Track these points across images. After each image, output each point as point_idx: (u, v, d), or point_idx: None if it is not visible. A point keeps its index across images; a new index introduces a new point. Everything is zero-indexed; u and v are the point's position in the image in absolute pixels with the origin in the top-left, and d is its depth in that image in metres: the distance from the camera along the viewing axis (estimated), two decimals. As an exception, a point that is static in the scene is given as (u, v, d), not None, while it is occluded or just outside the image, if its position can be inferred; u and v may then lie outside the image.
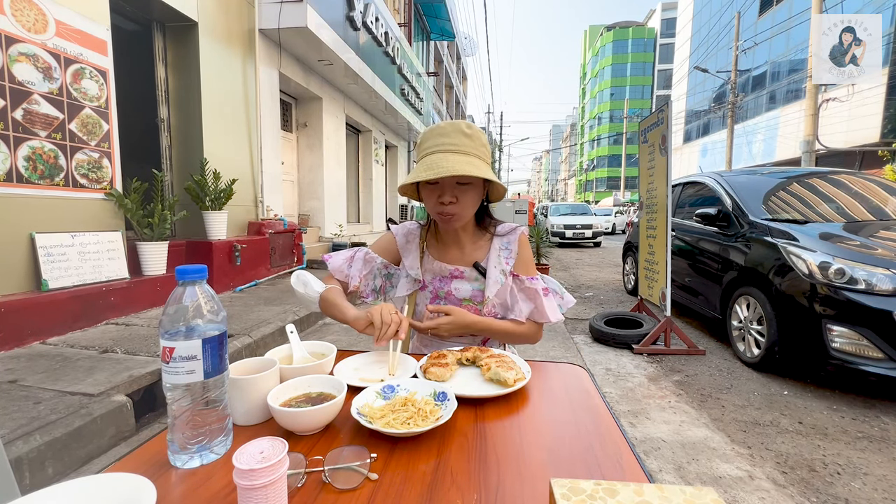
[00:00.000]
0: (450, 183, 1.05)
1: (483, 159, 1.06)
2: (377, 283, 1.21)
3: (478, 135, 1.07)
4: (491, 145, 23.27)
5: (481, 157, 1.05)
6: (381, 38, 7.64)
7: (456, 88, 22.97)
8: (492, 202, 1.20)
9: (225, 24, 4.56)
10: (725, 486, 1.73)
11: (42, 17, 2.83)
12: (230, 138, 4.70)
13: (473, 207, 1.10)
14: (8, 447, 1.50)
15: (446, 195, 1.04)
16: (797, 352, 2.65)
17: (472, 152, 1.03)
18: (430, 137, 1.07)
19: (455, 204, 1.05)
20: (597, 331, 3.61)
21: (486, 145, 1.08)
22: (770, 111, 18.96)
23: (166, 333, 0.56)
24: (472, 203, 1.08)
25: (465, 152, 1.03)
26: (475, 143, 1.05)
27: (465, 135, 1.04)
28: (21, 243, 2.74)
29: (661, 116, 3.60)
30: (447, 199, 1.04)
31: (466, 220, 1.12)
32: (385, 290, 1.22)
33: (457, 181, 1.04)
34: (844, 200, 3.42)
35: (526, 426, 0.69)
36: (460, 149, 1.03)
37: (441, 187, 1.05)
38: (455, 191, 1.05)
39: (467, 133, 1.05)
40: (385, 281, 1.22)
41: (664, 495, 0.38)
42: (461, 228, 1.16)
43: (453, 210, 1.06)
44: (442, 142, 1.04)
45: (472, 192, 1.07)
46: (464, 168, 0.98)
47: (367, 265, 1.19)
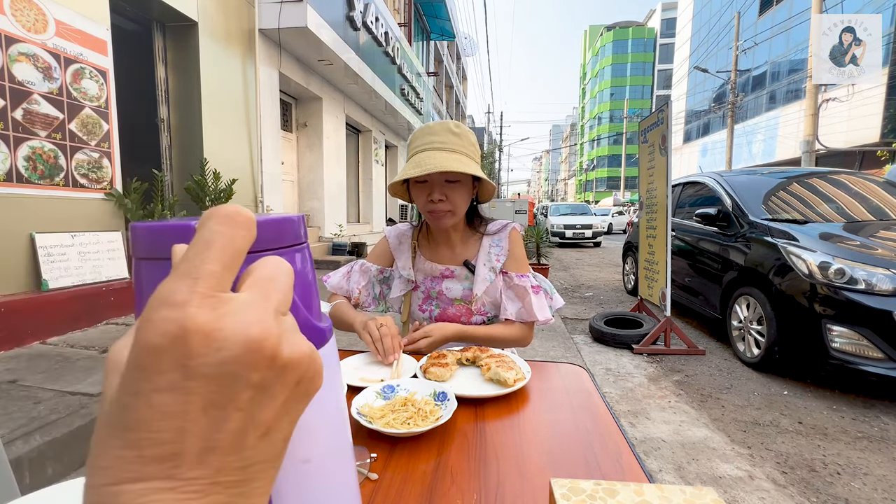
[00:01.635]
0: (438, 181, 1.05)
1: (472, 157, 1.06)
2: (376, 291, 1.22)
3: (466, 134, 1.07)
4: (491, 145, 23.19)
5: (469, 156, 1.06)
6: (381, 38, 7.64)
7: (456, 88, 22.97)
8: (482, 202, 1.21)
9: (225, 24, 4.55)
10: (725, 486, 1.73)
11: (42, 16, 2.83)
12: (230, 138, 4.70)
13: (463, 206, 1.10)
14: (8, 447, 1.50)
15: (435, 193, 1.05)
16: (797, 352, 2.65)
17: (460, 150, 1.04)
18: (419, 136, 1.08)
19: (444, 202, 1.06)
20: (597, 331, 3.61)
21: (475, 144, 1.09)
22: (770, 111, 18.97)
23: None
24: (462, 201, 1.09)
25: (453, 150, 1.03)
26: (463, 142, 1.05)
27: (453, 133, 1.05)
28: (21, 243, 2.74)
29: (661, 116, 3.60)
30: (436, 197, 1.05)
31: (457, 219, 1.12)
32: (384, 294, 1.23)
33: (445, 179, 1.05)
34: (844, 200, 3.42)
35: (526, 426, 0.69)
36: (448, 147, 1.03)
37: (430, 185, 1.06)
38: (444, 188, 1.05)
39: (455, 132, 1.05)
40: (383, 286, 1.23)
41: (664, 495, 0.38)
42: (452, 228, 1.16)
43: (443, 208, 1.06)
44: (430, 140, 1.04)
45: (462, 190, 1.07)
46: (451, 165, 0.99)
47: (364, 275, 1.20)
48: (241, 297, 0.17)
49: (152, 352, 0.15)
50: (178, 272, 0.16)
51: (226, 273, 0.17)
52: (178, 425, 0.15)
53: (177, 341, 0.15)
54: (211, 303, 0.16)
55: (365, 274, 1.21)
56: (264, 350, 0.16)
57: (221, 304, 0.16)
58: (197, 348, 0.15)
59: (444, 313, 1.16)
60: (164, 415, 0.15)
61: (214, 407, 0.15)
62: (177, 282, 0.16)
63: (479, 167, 1.09)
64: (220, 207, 0.18)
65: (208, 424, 0.15)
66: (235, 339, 0.16)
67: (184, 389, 0.15)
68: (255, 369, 0.16)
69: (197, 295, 0.16)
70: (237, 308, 0.16)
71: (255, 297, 0.17)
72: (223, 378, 0.15)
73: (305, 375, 0.18)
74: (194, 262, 0.16)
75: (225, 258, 0.17)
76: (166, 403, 0.15)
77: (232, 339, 0.16)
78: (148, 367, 0.15)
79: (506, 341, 1.10)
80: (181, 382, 0.15)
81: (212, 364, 0.15)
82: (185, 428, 0.15)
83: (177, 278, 0.16)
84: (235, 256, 0.17)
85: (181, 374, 0.15)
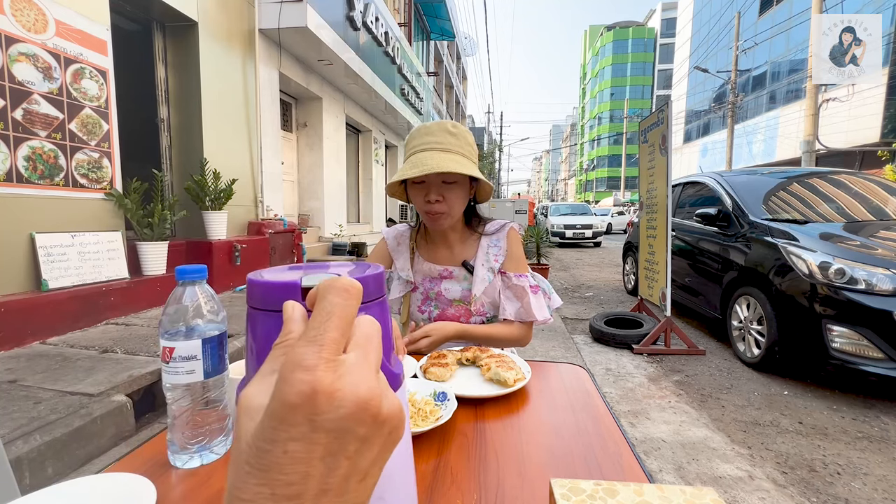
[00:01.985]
0: (435, 181, 1.05)
1: (469, 158, 1.06)
2: None
3: (463, 134, 1.06)
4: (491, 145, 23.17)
5: (466, 156, 1.05)
6: (381, 38, 7.64)
7: (456, 88, 22.97)
8: (480, 202, 1.20)
9: (225, 23, 4.55)
10: (725, 486, 1.73)
11: (42, 16, 2.83)
12: (230, 138, 4.70)
13: (460, 206, 1.10)
14: (8, 447, 1.50)
15: (432, 194, 1.04)
16: (797, 352, 2.65)
17: (456, 150, 1.04)
18: (416, 136, 1.07)
19: (441, 202, 1.05)
20: (597, 331, 3.61)
21: (472, 144, 1.08)
22: (770, 111, 18.97)
23: (166, 333, 0.56)
24: (459, 202, 1.08)
25: (450, 150, 1.03)
26: (460, 142, 1.05)
27: (450, 133, 1.04)
28: (21, 243, 2.74)
29: (661, 116, 3.60)
30: (433, 198, 1.04)
31: (455, 220, 1.11)
32: None
33: (442, 180, 1.05)
34: (844, 200, 3.42)
35: (526, 426, 0.69)
36: (445, 147, 1.03)
37: (427, 186, 1.06)
38: (441, 189, 1.05)
39: (452, 132, 1.05)
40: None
41: (664, 495, 0.38)
42: (450, 228, 1.15)
43: (440, 209, 1.06)
44: (427, 140, 1.04)
45: (459, 191, 1.07)
46: (447, 165, 0.98)
47: None
48: (350, 358, 0.20)
49: (289, 408, 0.18)
50: (307, 338, 0.20)
51: (342, 339, 0.21)
52: (304, 470, 0.18)
53: (308, 400, 0.18)
54: (333, 366, 0.19)
55: None
56: (371, 408, 0.19)
57: (339, 366, 0.19)
58: (322, 406, 0.18)
59: (443, 314, 1.16)
60: (294, 460, 0.18)
61: (331, 455, 0.18)
62: (307, 347, 0.19)
63: (477, 167, 1.09)
64: (337, 281, 0.22)
65: (324, 470, 0.18)
66: (350, 399, 0.19)
67: (310, 440, 0.18)
68: (363, 424, 0.19)
69: (323, 360, 0.19)
70: (349, 369, 0.20)
71: (360, 358, 0.21)
72: (339, 431, 0.19)
73: (396, 427, 0.21)
74: (319, 330, 0.20)
75: (343, 326, 0.21)
76: (296, 451, 0.18)
77: (348, 399, 0.19)
78: (285, 419, 0.18)
79: (505, 341, 1.10)
80: (309, 434, 0.18)
81: (333, 419, 0.18)
82: (308, 472, 0.18)
83: (307, 343, 0.20)
84: (350, 323, 0.22)
85: (309, 427, 0.18)
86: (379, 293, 0.32)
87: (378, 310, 0.32)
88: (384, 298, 0.33)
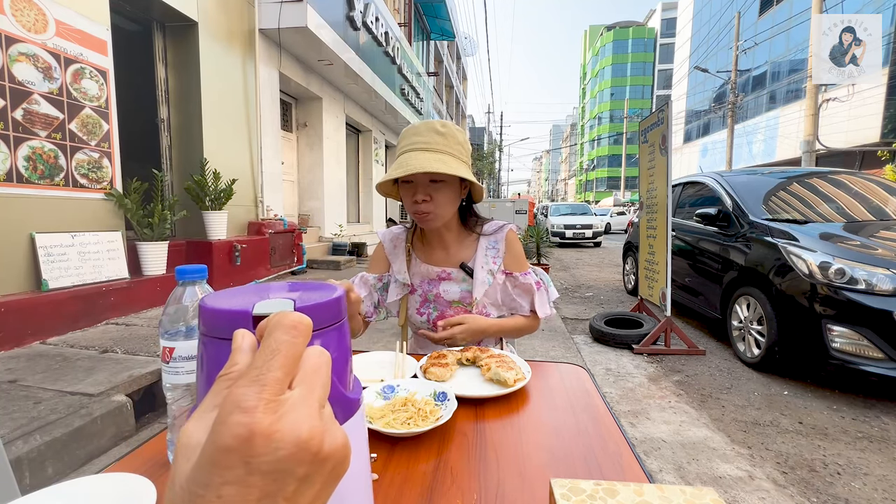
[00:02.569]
0: (423, 181, 1.05)
1: (457, 157, 1.05)
2: (375, 298, 1.21)
3: (452, 133, 1.06)
4: (491, 145, 23.13)
5: (454, 155, 1.04)
6: (381, 38, 7.64)
7: (456, 88, 22.97)
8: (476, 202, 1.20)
9: (225, 23, 4.56)
10: (725, 486, 1.73)
11: (42, 16, 2.83)
12: (230, 138, 4.70)
13: (450, 206, 1.09)
14: (8, 447, 1.50)
15: (419, 193, 1.04)
16: (797, 352, 2.65)
17: (444, 150, 1.03)
18: (404, 137, 1.07)
19: (429, 202, 1.05)
20: (597, 331, 3.61)
21: (462, 143, 1.07)
22: (770, 111, 18.96)
23: (166, 333, 0.56)
24: (448, 201, 1.07)
25: (437, 150, 1.02)
26: (448, 142, 1.04)
27: (438, 133, 1.04)
28: (21, 243, 2.74)
29: (661, 116, 3.60)
30: (420, 198, 1.04)
31: (444, 220, 1.10)
32: (383, 301, 1.22)
33: (430, 179, 1.04)
34: (844, 200, 3.42)
35: (526, 426, 0.69)
36: (431, 147, 1.02)
37: (415, 186, 1.05)
38: (428, 189, 1.05)
39: (441, 131, 1.04)
40: (381, 294, 1.22)
41: (664, 495, 0.38)
42: (445, 229, 1.15)
43: (427, 208, 1.05)
44: (415, 140, 1.04)
45: (447, 191, 1.06)
46: (431, 165, 0.98)
47: (365, 286, 1.19)
48: (294, 395, 0.20)
49: (224, 451, 0.17)
50: (249, 378, 0.19)
51: (287, 378, 0.20)
52: None
53: (244, 443, 0.17)
54: (273, 406, 0.19)
55: (365, 285, 1.19)
56: (311, 447, 0.19)
57: (280, 406, 0.19)
58: (260, 448, 0.18)
59: (442, 316, 1.15)
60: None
61: (268, 497, 0.18)
62: (248, 388, 0.19)
63: (468, 166, 1.08)
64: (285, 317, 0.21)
65: None
66: (289, 440, 0.18)
67: (245, 483, 0.17)
68: (303, 464, 0.19)
69: (263, 401, 0.18)
70: (290, 408, 0.19)
71: (305, 394, 0.20)
72: (277, 473, 0.18)
73: (340, 462, 0.21)
74: (262, 369, 0.19)
75: (288, 365, 0.20)
76: (230, 495, 0.17)
77: (287, 440, 0.18)
78: (219, 463, 0.17)
79: (526, 329, 1.18)
80: (244, 477, 0.17)
81: (270, 461, 0.18)
82: None
83: (248, 383, 0.19)
84: (296, 362, 0.21)
85: (245, 470, 0.17)
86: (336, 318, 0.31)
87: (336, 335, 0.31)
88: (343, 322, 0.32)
